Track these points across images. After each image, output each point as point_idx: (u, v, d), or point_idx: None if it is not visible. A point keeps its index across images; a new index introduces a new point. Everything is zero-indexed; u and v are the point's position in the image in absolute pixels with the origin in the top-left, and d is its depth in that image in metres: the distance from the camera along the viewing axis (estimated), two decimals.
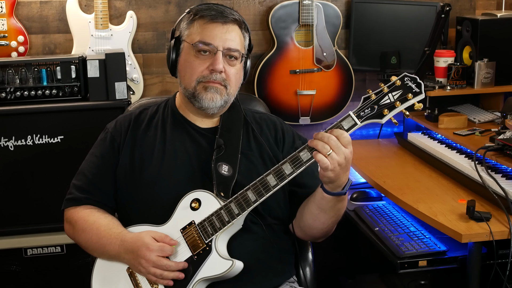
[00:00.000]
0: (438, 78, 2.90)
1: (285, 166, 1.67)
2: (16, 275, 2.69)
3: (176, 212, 1.78)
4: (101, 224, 1.83)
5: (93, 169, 1.91)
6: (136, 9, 3.03)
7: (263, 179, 1.69)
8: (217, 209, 1.73)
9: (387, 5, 3.12)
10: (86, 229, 1.84)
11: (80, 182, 1.92)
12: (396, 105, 1.59)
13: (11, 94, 2.63)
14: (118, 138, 1.92)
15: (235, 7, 3.13)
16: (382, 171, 2.60)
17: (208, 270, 1.71)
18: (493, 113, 2.83)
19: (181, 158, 1.86)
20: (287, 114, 3.12)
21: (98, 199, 1.90)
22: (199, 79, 1.83)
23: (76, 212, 1.90)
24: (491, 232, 1.98)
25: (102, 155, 1.92)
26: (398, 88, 1.60)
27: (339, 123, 1.63)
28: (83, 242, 1.88)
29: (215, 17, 1.82)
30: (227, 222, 1.71)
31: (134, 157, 1.88)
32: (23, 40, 2.89)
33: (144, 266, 1.71)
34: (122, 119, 1.98)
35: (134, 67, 2.99)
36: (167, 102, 2.02)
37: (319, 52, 3.05)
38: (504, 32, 2.85)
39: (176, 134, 1.91)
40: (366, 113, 1.61)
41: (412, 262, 2.13)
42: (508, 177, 2.23)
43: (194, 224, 1.74)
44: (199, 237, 1.73)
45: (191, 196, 1.77)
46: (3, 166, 2.60)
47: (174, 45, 1.89)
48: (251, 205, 1.69)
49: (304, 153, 1.65)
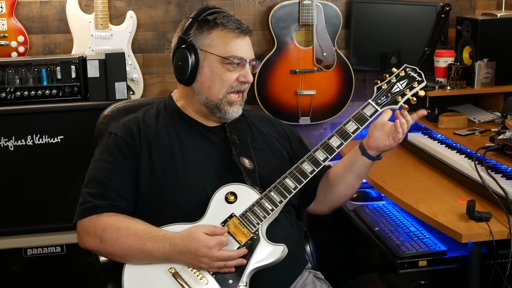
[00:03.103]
0: (438, 78, 2.90)
1: (318, 153, 1.84)
2: (16, 275, 2.69)
3: (210, 208, 1.81)
4: (137, 229, 1.77)
5: (110, 175, 1.85)
6: (136, 9, 3.03)
7: (298, 167, 1.83)
8: (258, 199, 1.81)
9: (387, 5, 3.12)
10: (122, 236, 1.76)
11: (97, 189, 1.83)
12: (405, 92, 1.86)
13: (11, 94, 2.63)
14: (132, 143, 1.88)
15: (235, 7, 3.13)
16: (382, 171, 2.60)
17: (260, 258, 1.77)
18: (493, 113, 2.83)
19: (201, 157, 1.90)
20: (287, 114, 3.12)
21: (120, 205, 1.83)
22: (228, 90, 1.89)
23: (101, 221, 1.80)
24: (491, 232, 1.98)
25: (116, 160, 1.86)
26: (404, 78, 1.86)
27: (361, 111, 1.85)
28: (118, 251, 1.78)
29: (238, 29, 1.88)
30: (270, 210, 1.79)
31: (153, 160, 1.87)
32: (23, 40, 2.89)
33: (206, 263, 1.73)
34: (129, 122, 1.93)
35: (134, 67, 2.99)
36: (165, 103, 2.01)
37: (319, 52, 3.05)
38: (504, 32, 2.85)
39: (189, 134, 1.93)
40: (383, 100, 1.85)
41: (412, 262, 2.13)
42: (508, 177, 2.23)
43: (235, 216, 1.79)
44: (245, 228, 1.78)
45: (224, 190, 1.82)
46: (3, 166, 2.60)
47: (193, 54, 1.88)
48: (291, 192, 1.81)
49: (334, 140, 1.84)
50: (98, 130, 2.15)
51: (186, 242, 1.73)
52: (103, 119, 2.16)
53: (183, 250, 1.73)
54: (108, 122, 2.13)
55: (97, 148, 1.94)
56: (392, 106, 1.86)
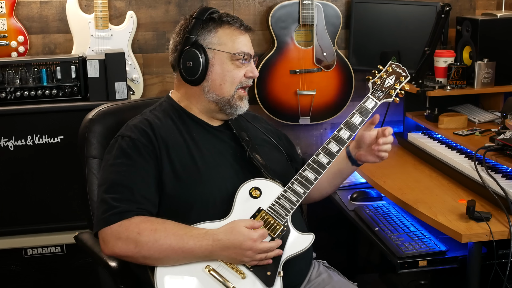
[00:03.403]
0: (438, 78, 2.90)
1: (331, 145, 1.92)
2: (16, 275, 2.70)
3: (236, 204, 1.84)
4: (175, 229, 1.76)
5: (133, 178, 1.81)
6: (136, 9, 3.03)
7: (315, 159, 1.90)
8: (282, 192, 1.86)
9: (387, 5, 3.12)
10: (160, 237, 1.73)
11: (121, 194, 1.79)
12: (396, 86, 1.99)
13: (11, 94, 2.63)
14: (149, 144, 1.85)
15: (235, 7, 3.13)
16: (382, 171, 2.60)
17: (293, 248, 1.83)
18: (493, 113, 2.83)
19: (217, 155, 1.92)
20: (287, 114, 3.12)
21: (146, 207, 1.80)
22: (238, 85, 1.93)
23: (133, 225, 1.75)
24: (491, 232, 1.98)
25: (136, 163, 1.83)
26: (392, 74, 2.00)
27: (363, 105, 1.96)
28: (156, 253, 1.74)
29: (242, 26, 1.94)
30: (296, 202, 1.86)
31: (173, 160, 1.86)
32: (23, 40, 2.89)
33: (249, 256, 1.76)
34: (141, 124, 1.89)
35: (134, 67, 2.99)
36: (168, 104, 1.99)
37: (319, 52, 3.05)
38: (504, 32, 2.85)
39: (200, 133, 1.94)
40: (379, 94, 1.98)
41: (412, 262, 2.13)
42: (508, 177, 2.23)
43: (263, 210, 1.84)
44: (275, 220, 1.83)
45: (248, 186, 1.86)
46: (3, 166, 2.60)
47: (202, 53, 1.89)
48: (312, 183, 1.88)
49: (344, 132, 1.93)
50: (82, 135, 2.07)
51: (230, 236, 1.74)
52: (87, 123, 2.07)
53: (227, 245, 1.74)
54: (93, 126, 2.06)
55: (107, 153, 1.89)
56: (387, 99, 1.98)
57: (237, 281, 1.76)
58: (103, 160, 1.90)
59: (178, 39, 1.94)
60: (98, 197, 1.84)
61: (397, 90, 1.99)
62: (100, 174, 1.89)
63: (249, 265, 1.78)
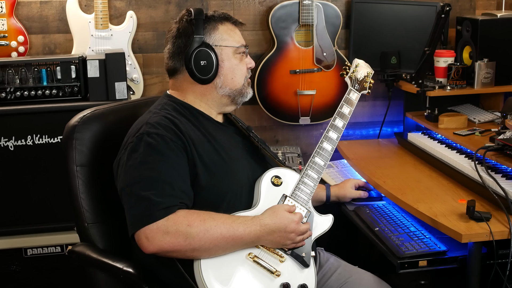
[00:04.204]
0: (438, 78, 2.90)
1: (331, 133, 2.03)
2: (16, 275, 2.70)
3: (262, 193, 1.91)
4: (222, 218, 1.78)
5: (169, 173, 1.80)
6: (136, 9, 3.03)
7: (321, 146, 2.01)
8: (300, 178, 1.96)
9: (387, 5, 3.12)
10: (211, 227, 1.74)
11: (161, 189, 1.77)
12: (366, 79, 2.17)
13: (11, 94, 2.63)
14: (177, 140, 1.85)
15: (235, 7, 3.13)
16: (382, 171, 2.60)
17: (318, 229, 1.97)
18: (493, 113, 2.82)
19: (233, 148, 1.99)
20: (287, 114, 3.12)
21: (186, 201, 1.80)
22: (246, 76, 2.03)
23: (181, 218, 1.74)
24: (491, 232, 1.98)
25: (169, 158, 1.82)
26: (360, 69, 2.16)
27: (348, 96, 2.10)
28: (207, 244, 1.74)
29: (235, 21, 2.03)
30: (314, 187, 1.97)
31: (201, 154, 1.88)
32: (23, 40, 2.90)
33: (292, 238, 1.84)
34: (163, 121, 1.88)
35: (134, 67, 2.99)
36: (174, 102, 1.98)
37: (319, 52, 3.05)
38: (504, 32, 2.85)
39: (214, 129, 1.98)
40: (357, 87, 2.14)
41: (412, 262, 2.13)
42: (508, 177, 2.23)
43: (288, 196, 1.93)
44: (300, 204, 1.93)
45: (269, 175, 1.95)
46: (3, 166, 2.60)
47: (213, 51, 1.94)
48: (324, 168, 2.00)
49: (338, 121, 2.05)
50: (69, 141, 2.02)
51: (276, 220, 1.81)
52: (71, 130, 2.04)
53: (273, 229, 1.80)
54: (79, 134, 2.02)
55: (132, 152, 1.84)
56: (364, 91, 2.16)
57: (277, 265, 1.83)
58: (126, 159, 1.83)
59: (182, 41, 1.94)
60: (131, 196, 1.78)
61: (369, 83, 2.16)
62: (128, 174, 1.82)
63: (288, 248, 1.86)
